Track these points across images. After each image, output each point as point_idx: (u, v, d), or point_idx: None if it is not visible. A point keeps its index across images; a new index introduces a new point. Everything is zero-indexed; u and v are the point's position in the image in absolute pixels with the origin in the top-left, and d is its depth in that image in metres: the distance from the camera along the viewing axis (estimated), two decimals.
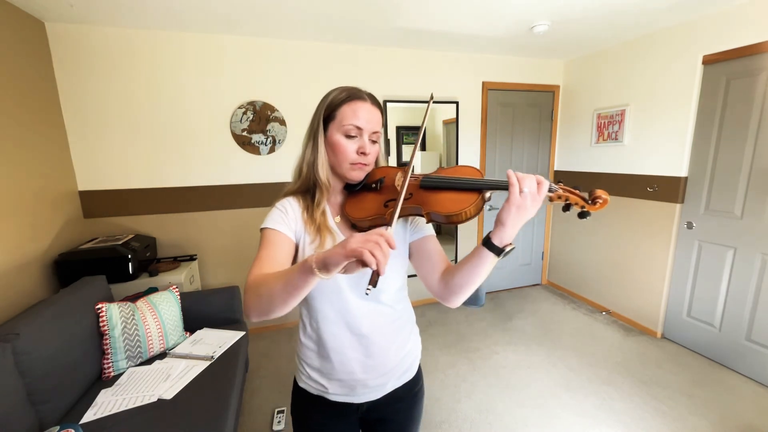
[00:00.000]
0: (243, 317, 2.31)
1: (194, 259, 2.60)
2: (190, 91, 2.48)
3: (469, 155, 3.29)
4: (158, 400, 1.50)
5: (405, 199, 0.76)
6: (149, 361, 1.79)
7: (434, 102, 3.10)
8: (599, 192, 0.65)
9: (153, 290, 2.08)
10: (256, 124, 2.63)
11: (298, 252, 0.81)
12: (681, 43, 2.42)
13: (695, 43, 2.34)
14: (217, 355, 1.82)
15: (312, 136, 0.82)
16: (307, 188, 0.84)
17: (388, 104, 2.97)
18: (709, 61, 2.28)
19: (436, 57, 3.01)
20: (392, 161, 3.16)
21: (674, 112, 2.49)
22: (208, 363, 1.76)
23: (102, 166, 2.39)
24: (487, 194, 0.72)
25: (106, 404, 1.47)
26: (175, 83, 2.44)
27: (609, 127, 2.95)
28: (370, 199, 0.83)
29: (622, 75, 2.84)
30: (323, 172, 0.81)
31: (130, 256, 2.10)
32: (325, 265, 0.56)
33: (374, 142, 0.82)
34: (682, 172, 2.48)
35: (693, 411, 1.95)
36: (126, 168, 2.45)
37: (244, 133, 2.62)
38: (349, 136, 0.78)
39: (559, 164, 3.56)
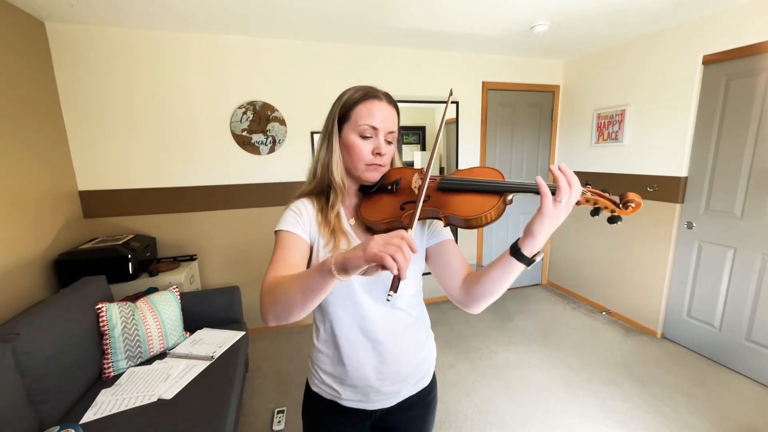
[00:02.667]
0: (242, 318, 2.31)
1: (194, 259, 2.60)
2: (190, 91, 2.48)
3: (469, 155, 3.29)
4: (158, 400, 1.50)
5: (423, 201, 0.72)
6: (149, 361, 1.79)
7: (434, 102, 3.10)
8: (632, 195, 0.60)
9: (153, 290, 2.08)
10: (256, 124, 2.63)
11: (313, 254, 0.80)
12: (681, 43, 2.42)
13: (695, 43, 2.34)
14: (217, 355, 1.82)
15: (326, 136, 0.80)
16: (321, 189, 0.83)
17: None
18: (709, 61, 2.28)
19: (436, 57, 3.01)
20: None
21: (674, 112, 2.49)
22: (208, 363, 1.76)
23: (102, 166, 2.39)
24: (509, 197, 0.68)
25: (106, 404, 1.47)
26: (175, 83, 2.44)
27: (609, 127, 2.95)
28: (385, 201, 0.80)
29: (622, 75, 2.84)
30: (338, 173, 0.79)
31: (130, 256, 2.10)
32: (344, 268, 0.54)
33: (390, 142, 0.80)
34: (682, 172, 2.48)
35: (693, 411, 1.95)
36: (126, 168, 2.45)
37: (244, 133, 2.62)
38: (364, 137, 0.76)
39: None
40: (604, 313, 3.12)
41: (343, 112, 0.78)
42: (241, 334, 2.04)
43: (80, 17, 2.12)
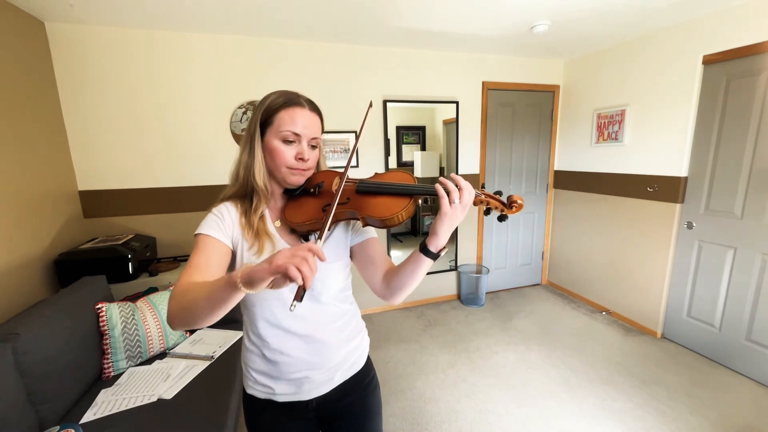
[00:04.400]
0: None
1: None
2: (190, 90, 2.48)
3: (469, 155, 3.29)
4: (158, 400, 1.50)
5: (341, 204, 0.79)
6: (149, 361, 1.78)
7: (434, 102, 3.10)
8: (515, 197, 0.72)
9: (153, 290, 2.08)
10: None
11: (236, 258, 0.80)
12: (681, 43, 2.42)
13: (695, 43, 2.34)
14: (217, 355, 1.82)
15: (249, 139, 0.80)
16: (245, 192, 0.83)
17: (388, 104, 2.96)
18: (709, 61, 2.28)
19: (436, 57, 3.01)
20: (392, 161, 3.16)
21: (674, 112, 2.49)
22: (208, 363, 1.76)
23: (102, 166, 2.39)
24: (420, 200, 0.76)
25: (106, 404, 1.47)
26: (175, 83, 2.44)
27: (609, 127, 2.95)
28: (309, 204, 0.83)
29: (622, 75, 2.84)
30: (260, 176, 0.80)
31: (130, 256, 2.10)
32: (250, 281, 0.55)
33: (314, 147, 0.82)
34: (682, 172, 2.48)
35: (693, 411, 1.95)
36: (126, 168, 2.44)
37: (244, 133, 2.62)
38: (287, 142, 0.78)
39: (559, 164, 3.56)
40: (604, 313, 3.12)
41: (265, 116, 0.79)
42: (241, 333, 2.03)
43: (80, 17, 2.12)
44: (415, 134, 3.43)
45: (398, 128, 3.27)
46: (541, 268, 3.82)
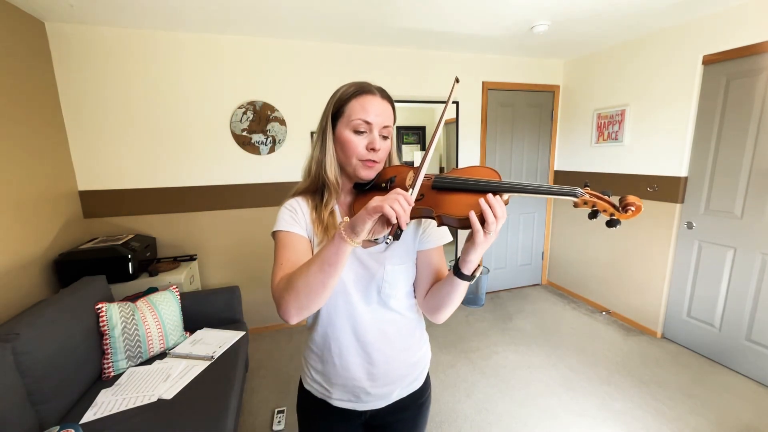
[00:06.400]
0: (242, 318, 2.31)
1: (194, 259, 2.60)
2: (190, 91, 2.48)
3: (469, 155, 3.29)
4: (158, 400, 1.50)
5: (416, 200, 0.71)
6: (149, 361, 1.78)
7: (434, 102, 3.10)
8: (632, 199, 0.58)
9: (153, 290, 2.08)
10: (256, 124, 2.63)
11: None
12: (681, 43, 2.42)
13: (695, 43, 2.34)
14: (217, 355, 1.82)
15: (321, 133, 0.79)
16: (316, 188, 0.82)
17: None
18: (709, 61, 2.28)
19: (436, 57, 3.01)
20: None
21: (674, 112, 2.49)
22: (208, 363, 1.76)
23: (102, 166, 2.39)
24: (505, 196, 0.65)
25: (106, 404, 1.47)
26: (175, 83, 2.44)
27: (609, 127, 2.95)
28: None
29: (622, 75, 2.84)
30: (332, 170, 0.78)
31: (130, 256, 2.10)
32: (352, 228, 0.59)
33: (385, 138, 0.78)
34: (682, 172, 2.48)
35: (693, 411, 1.95)
36: (126, 168, 2.44)
37: (244, 133, 2.62)
38: (358, 132, 0.75)
39: (559, 164, 3.56)
40: (604, 313, 3.12)
41: (336, 108, 0.77)
42: (241, 334, 2.04)
43: (80, 17, 2.12)
44: (415, 134, 3.43)
45: (398, 128, 3.28)
46: (541, 268, 3.82)
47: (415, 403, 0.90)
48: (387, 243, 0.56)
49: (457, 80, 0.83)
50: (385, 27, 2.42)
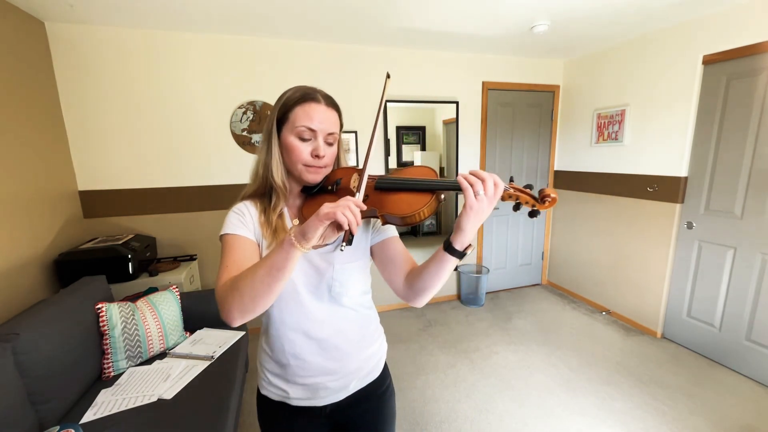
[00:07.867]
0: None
1: (194, 259, 2.60)
2: (190, 90, 2.48)
3: (469, 155, 3.29)
4: (158, 400, 1.50)
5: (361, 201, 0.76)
6: (149, 361, 1.78)
7: (434, 102, 3.10)
8: (548, 191, 0.64)
9: (153, 290, 2.08)
10: (256, 124, 2.63)
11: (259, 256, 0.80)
12: (681, 43, 2.42)
13: (695, 43, 2.34)
14: (217, 355, 1.82)
15: (267, 137, 0.79)
16: (264, 191, 0.83)
17: (388, 104, 2.96)
18: (709, 61, 2.28)
19: (436, 57, 3.01)
20: (392, 161, 3.16)
21: (674, 112, 2.49)
22: (208, 363, 1.76)
23: (102, 166, 2.39)
24: (442, 195, 0.72)
25: (106, 404, 1.47)
26: (176, 83, 2.44)
27: (609, 127, 2.95)
28: (327, 201, 0.82)
29: (622, 75, 2.84)
30: (278, 174, 0.79)
31: (130, 256, 2.10)
32: (304, 235, 0.59)
33: (330, 144, 0.80)
34: (682, 172, 2.48)
35: (693, 411, 1.95)
36: (126, 168, 2.45)
37: (244, 133, 2.62)
38: (302, 138, 0.76)
39: (559, 164, 3.56)
40: (604, 313, 3.12)
41: (281, 113, 0.77)
42: (241, 334, 2.04)
43: (80, 17, 2.12)
44: (415, 134, 3.43)
45: (398, 128, 3.27)
46: (541, 268, 3.82)
47: (375, 393, 0.91)
48: (341, 250, 0.57)
49: (388, 76, 0.83)
50: (386, 27, 2.42)
